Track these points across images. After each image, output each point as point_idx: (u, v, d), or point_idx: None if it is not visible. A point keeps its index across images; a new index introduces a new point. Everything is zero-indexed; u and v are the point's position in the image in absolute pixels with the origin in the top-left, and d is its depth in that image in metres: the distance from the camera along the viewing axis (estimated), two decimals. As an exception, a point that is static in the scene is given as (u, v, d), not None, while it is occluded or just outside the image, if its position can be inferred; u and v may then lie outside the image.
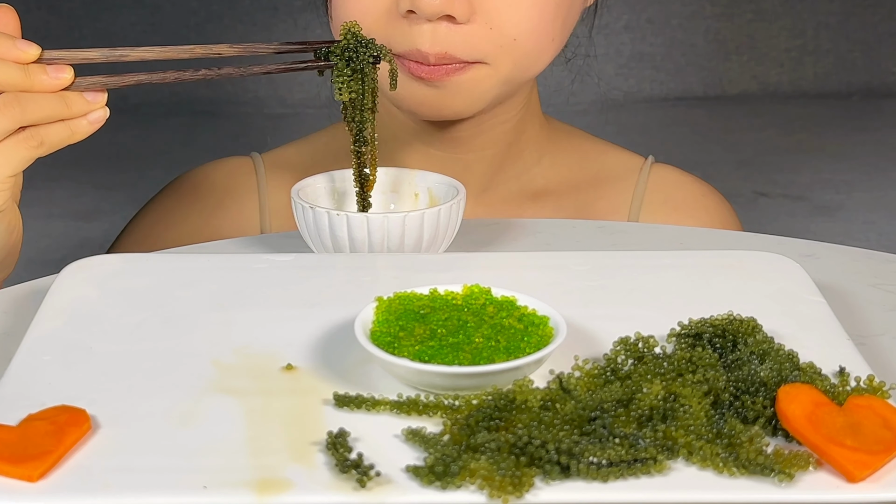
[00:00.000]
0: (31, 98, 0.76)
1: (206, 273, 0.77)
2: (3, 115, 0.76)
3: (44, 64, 0.77)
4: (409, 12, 0.89)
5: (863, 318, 0.76)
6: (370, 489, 0.56)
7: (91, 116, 0.79)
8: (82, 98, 0.78)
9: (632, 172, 1.07)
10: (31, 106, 0.76)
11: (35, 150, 0.77)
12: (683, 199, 1.07)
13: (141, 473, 0.57)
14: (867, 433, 0.58)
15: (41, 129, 0.77)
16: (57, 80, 0.77)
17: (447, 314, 0.67)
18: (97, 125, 0.79)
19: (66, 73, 0.78)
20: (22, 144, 0.77)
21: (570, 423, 0.60)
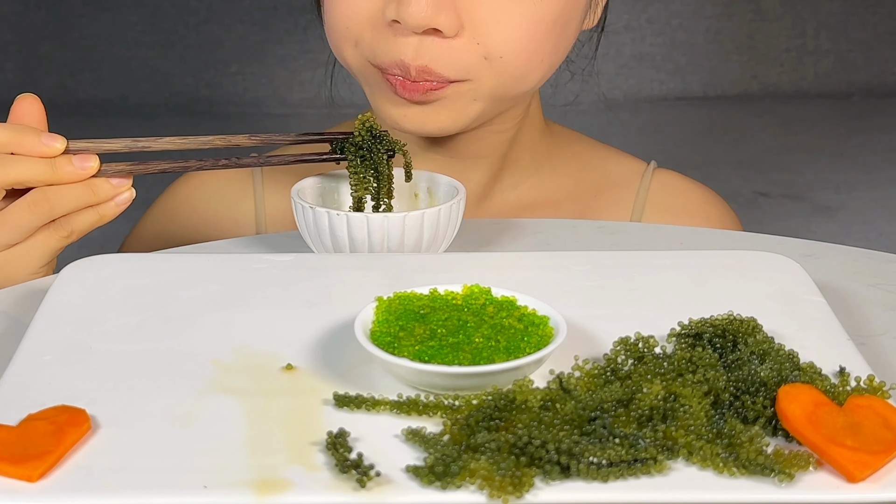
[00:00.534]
0: (59, 191, 0.79)
1: (206, 273, 0.77)
2: (31, 212, 0.78)
3: (69, 154, 0.79)
4: (395, 22, 0.87)
5: (863, 317, 0.76)
6: (370, 489, 0.56)
7: (118, 199, 0.81)
8: (109, 183, 0.80)
9: (633, 179, 1.06)
10: (59, 200, 0.79)
11: (65, 240, 0.81)
12: (685, 208, 1.05)
13: (141, 473, 0.57)
14: (867, 433, 0.58)
15: (70, 219, 0.80)
16: (83, 171, 0.79)
17: (447, 314, 0.67)
18: (124, 206, 0.81)
19: (91, 163, 0.80)
20: (53, 236, 0.80)
21: (570, 423, 0.60)
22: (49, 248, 0.81)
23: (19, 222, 0.79)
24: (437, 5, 0.86)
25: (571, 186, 1.05)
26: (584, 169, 1.06)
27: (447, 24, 0.86)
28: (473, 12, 0.87)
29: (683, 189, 1.07)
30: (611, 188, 1.06)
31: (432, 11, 0.85)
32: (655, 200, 1.05)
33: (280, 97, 3.47)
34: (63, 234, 0.80)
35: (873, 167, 2.90)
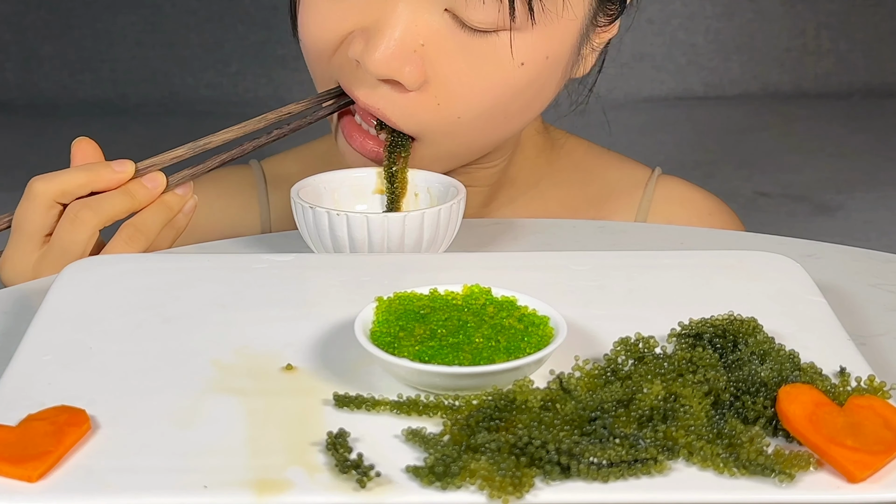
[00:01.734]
0: (146, 221, 0.83)
1: (206, 273, 0.77)
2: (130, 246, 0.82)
3: (139, 178, 0.83)
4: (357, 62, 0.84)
5: (863, 318, 0.76)
6: (370, 489, 0.56)
7: (186, 208, 0.85)
8: (176, 195, 0.84)
9: (636, 188, 1.03)
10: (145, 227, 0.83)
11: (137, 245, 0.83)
12: (688, 220, 1.03)
13: (141, 474, 0.57)
14: (868, 433, 0.58)
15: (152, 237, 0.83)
16: (155, 190, 0.83)
17: (447, 314, 0.67)
18: (192, 214, 0.86)
19: (160, 180, 0.84)
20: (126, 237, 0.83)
21: (570, 423, 0.60)
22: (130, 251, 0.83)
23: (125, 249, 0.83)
24: (403, 57, 0.82)
25: (571, 199, 1.02)
26: (585, 180, 1.03)
27: (410, 79, 0.82)
28: (439, 69, 0.83)
29: (688, 199, 1.04)
30: (613, 199, 1.03)
31: (397, 63, 0.82)
32: (658, 211, 1.02)
33: (280, 97, 3.47)
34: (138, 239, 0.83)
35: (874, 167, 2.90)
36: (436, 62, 0.83)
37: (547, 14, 0.82)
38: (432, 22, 0.82)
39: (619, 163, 1.06)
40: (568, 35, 0.85)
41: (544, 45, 0.84)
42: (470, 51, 0.83)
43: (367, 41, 0.82)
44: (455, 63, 0.83)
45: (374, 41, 0.82)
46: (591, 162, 1.05)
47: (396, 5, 0.82)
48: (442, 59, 0.83)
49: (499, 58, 0.83)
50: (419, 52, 0.82)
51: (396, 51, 0.82)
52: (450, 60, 0.83)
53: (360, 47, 0.83)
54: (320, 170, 0.89)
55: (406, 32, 0.82)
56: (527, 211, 1.01)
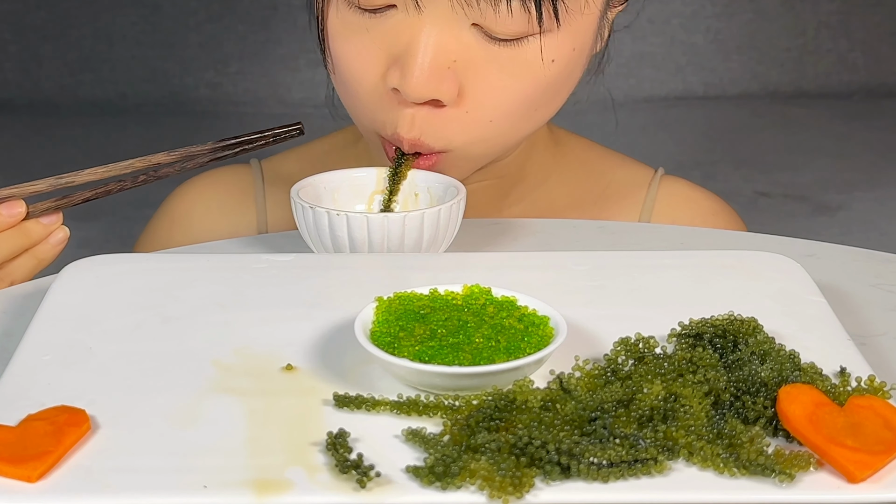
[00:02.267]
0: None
1: (206, 273, 0.77)
2: None
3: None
4: (395, 90, 0.85)
5: (863, 318, 0.76)
6: (370, 490, 0.56)
7: (52, 239, 0.83)
8: (40, 224, 0.83)
9: (640, 188, 1.04)
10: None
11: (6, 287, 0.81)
12: (692, 220, 1.03)
13: (140, 474, 0.57)
14: (868, 433, 0.58)
15: (8, 266, 0.82)
16: (11, 218, 0.82)
17: (447, 314, 0.67)
18: (60, 247, 0.84)
19: (20, 208, 0.82)
20: None
21: (570, 423, 0.60)
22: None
23: None
24: (438, 76, 0.83)
25: (577, 196, 1.03)
26: (590, 178, 1.04)
27: (448, 95, 0.84)
28: (472, 81, 0.85)
29: (690, 200, 1.05)
30: (617, 198, 1.04)
31: (434, 84, 0.83)
32: (662, 211, 1.03)
33: (280, 97, 3.47)
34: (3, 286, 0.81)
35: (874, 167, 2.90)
36: (468, 75, 0.85)
37: (571, 13, 0.84)
38: (461, 38, 0.84)
39: (623, 162, 1.07)
40: (590, 23, 0.88)
41: (570, 40, 0.86)
42: (500, 59, 0.84)
43: (402, 68, 0.84)
44: (487, 73, 0.85)
45: (408, 67, 0.83)
46: (595, 161, 1.06)
47: (423, 27, 0.83)
48: (474, 71, 0.85)
49: (528, 61, 0.85)
50: (452, 67, 0.84)
51: (431, 71, 0.83)
52: (482, 72, 0.85)
53: (397, 75, 0.84)
54: (320, 170, 0.89)
55: (437, 52, 0.83)
56: (535, 208, 1.02)
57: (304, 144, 1.08)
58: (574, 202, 1.03)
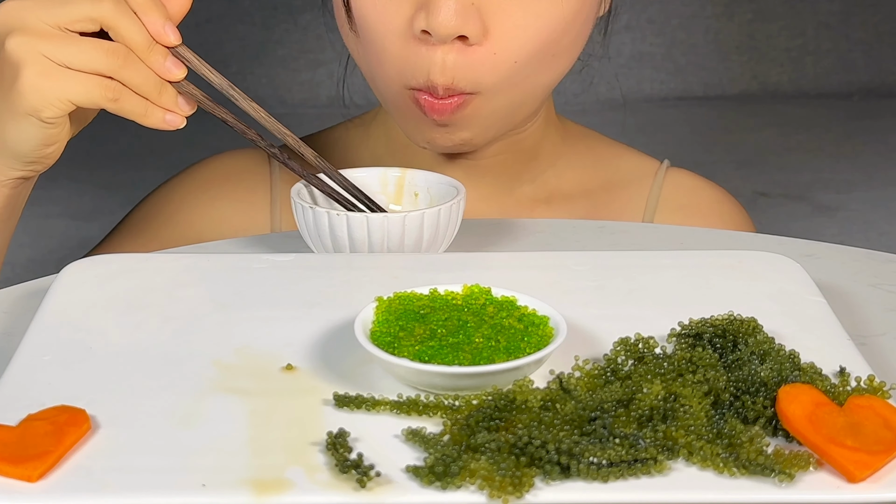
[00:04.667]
0: (138, 64, 0.78)
1: (206, 273, 0.77)
2: (106, 56, 0.77)
3: (168, 50, 0.80)
4: (424, 32, 0.88)
5: (863, 318, 0.76)
6: (370, 489, 0.56)
7: (168, 116, 0.80)
8: (175, 96, 0.80)
9: (646, 177, 1.07)
10: (132, 68, 0.78)
11: (109, 101, 0.78)
12: (698, 206, 1.06)
13: (141, 473, 0.57)
14: (868, 433, 0.58)
15: (125, 91, 0.79)
16: (167, 71, 0.79)
17: (447, 314, 0.67)
18: (169, 126, 0.81)
19: (178, 70, 0.80)
20: (101, 89, 0.78)
21: (570, 423, 0.60)
22: (91, 94, 0.78)
23: (90, 53, 0.77)
24: (464, 14, 0.87)
25: (585, 181, 1.06)
26: (598, 164, 1.07)
27: (474, 31, 0.87)
28: (495, 19, 0.89)
29: (697, 188, 1.08)
30: (624, 185, 1.06)
31: (460, 20, 0.87)
32: (668, 198, 1.06)
33: (280, 97, 3.47)
34: (110, 96, 0.78)
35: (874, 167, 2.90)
36: (492, 13, 0.89)
37: None
38: None
39: (629, 152, 1.10)
40: None
41: None
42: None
43: (429, 8, 0.87)
44: (510, 11, 0.89)
45: (434, 5, 0.87)
46: (603, 149, 1.09)
47: None
48: (497, 9, 0.89)
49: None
50: (476, 4, 0.88)
51: (457, 9, 0.86)
52: (505, 10, 0.89)
53: (423, 16, 0.87)
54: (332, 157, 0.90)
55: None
56: (546, 189, 1.04)
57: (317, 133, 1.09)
58: (583, 187, 1.05)
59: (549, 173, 1.04)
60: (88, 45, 0.77)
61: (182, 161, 1.15)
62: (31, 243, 2.03)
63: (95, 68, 0.77)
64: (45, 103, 0.78)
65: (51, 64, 0.77)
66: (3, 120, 0.80)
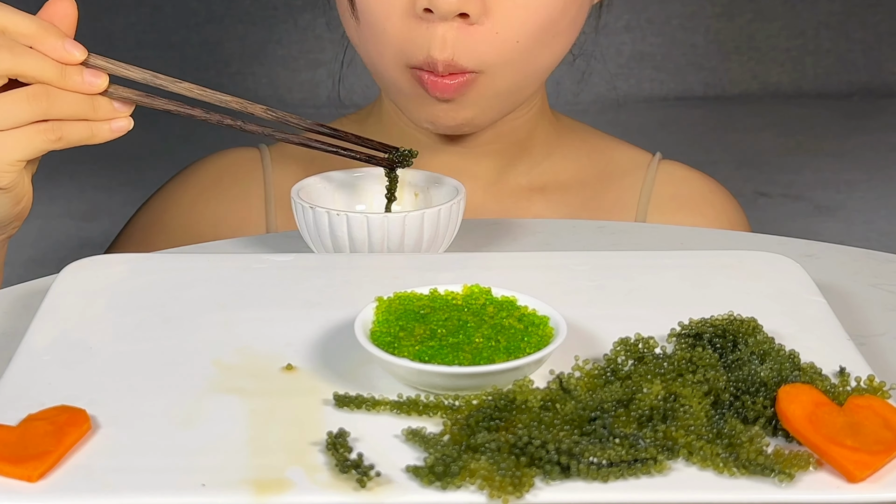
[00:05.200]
0: (61, 94, 0.77)
1: (206, 273, 0.77)
2: (29, 104, 0.76)
3: (82, 66, 0.78)
4: (426, 10, 0.89)
5: (863, 318, 0.76)
6: (370, 489, 0.56)
7: (114, 124, 0.80)
8: (110, 104, 0.79)
9: (640, 168, 1.08)
10: (58, 102, 0.77)
11: (53, 143, 0.78)
12: (690, 196, 1.07)
13: (141, 473, 0.57)
14: (867, 433, 0.58)
15: (63, 125, 0.78)
16: (90, 86, 0.78)
17: (447, 314, 0.67)
18: (118, 133, 0.80)
19: (100, 80, 0.78)
20: (41, 135, 0.77)
21: (570, 423, 0.60)
22: (33, 145, 0.77)
23: (13, 109, 0.77)
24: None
25: (580, 172, 1.07)
26: (592, 156, 1.08)
27: (475, 10, 0.89)
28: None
29: (689, 179, 1.09)
30: (618, 176, 1.08)
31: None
32: (662, 190, 1.07)
33: (280, 97, 3.47)
34: (52, 137, 0.77)
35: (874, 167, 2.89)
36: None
37: None
38: None
39: (621, 145, 1.11)
40: None
41: None
42: None
43: None
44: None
45: None
46: (596, 141, 1.10)
47: None
48: None
49: None
50: None
51: None
52: None
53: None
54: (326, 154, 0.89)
55: None
56: (541, 180, 1.05)
57: None
58: (578, 177, 1.06)
59: (544, 164, 1.05)
60: (8, 101, 0.76)
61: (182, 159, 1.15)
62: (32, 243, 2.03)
63: (25, 119, 0.77)
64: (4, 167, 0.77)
65: None
66: None
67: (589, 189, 1.06)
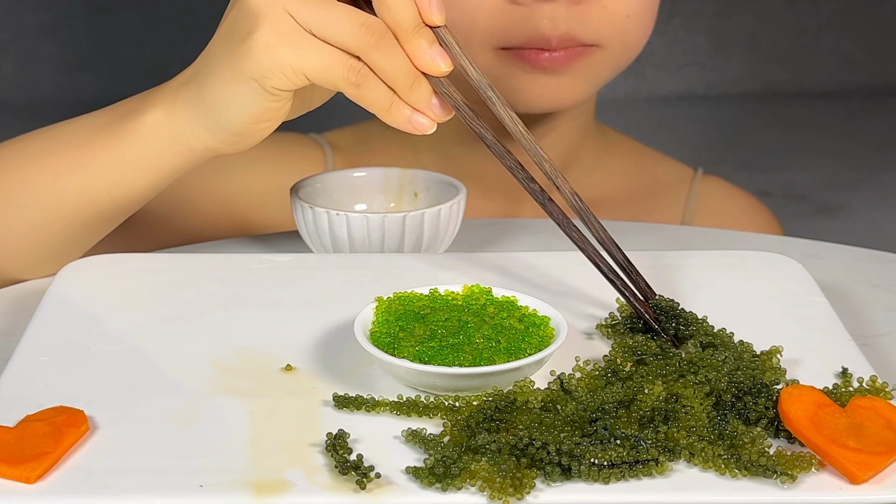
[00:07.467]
0: (393, 47, 0.67)
1: (205, 273, 0.77)
2: (359, 31, 0.66)
3: (433, 33, 0.68)
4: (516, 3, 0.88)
5: (865, 318, 0.76)
6: (370, 491, 0.56)
7: (416, 117, 0.69)
8: (430, 95, 0.69)
9: (683, 183, 1.08)
10: (385, 50, 0.67)
11: (347, 84, 0.68)
12: (733, 214, 1.08)
13: (139, 475, 0.56)
14: (870, 434, 0.58)
15: (370, 77, 0.67)
16: (430, 59, 0.68)
17: (447, 314, 0.67)
18: (415, 129, 0.69)
19: (444, 63, 0.68)
20: (343, 68, 0.67)
21: (571, 424, 0.60)
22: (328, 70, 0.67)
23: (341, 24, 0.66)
24: None
25: (626, 187, 1.07)
26: (637, 170, 1.08)
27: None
28: None
29: (732, 196, 1.10)
30: (662, 191, 1.08)
31: None
32: (705, 205, 1.07)
33: (281, 97, 3.47)
34: (352, 78, 0.67)
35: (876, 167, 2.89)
36: None
37: None
38: None
39: (664, 159, 1.11)
40: None
41: None
42: None
43: None
44: None
45: None
46: (640, 155, 1.10)
47: None
48: None
49: None
50: None
51: None
52: None
53: None
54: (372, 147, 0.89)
55: None
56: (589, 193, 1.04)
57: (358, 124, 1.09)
58: (624, 194, 1.06)
59: (592, 177, 1.05)
60: (341, 12, 0.66)
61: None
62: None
63: (343, 42, 0.66)
64: (275, 69, 0.67)
65: (293, 24, 0.66)
66: (221, 77, 0.70)
67: (634, 205, 1.06)
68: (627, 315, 0.70)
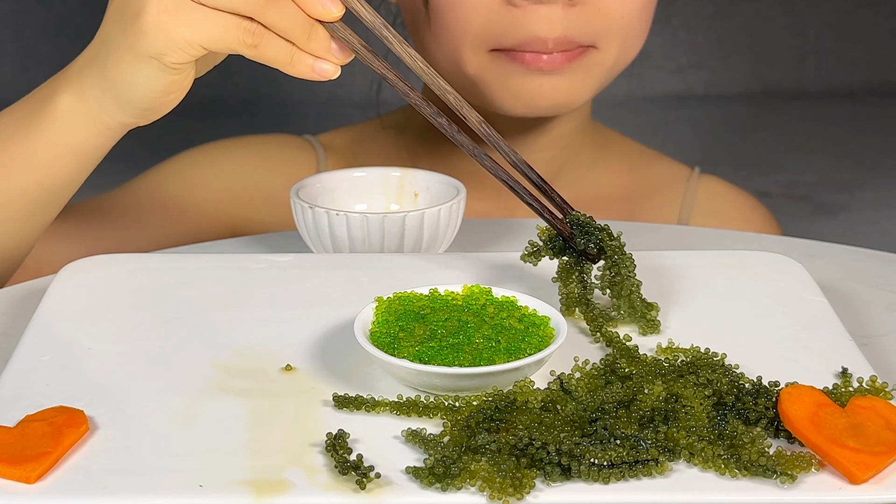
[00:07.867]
0: (283, 1, 0.67)
1: (205, 273, 0.77)
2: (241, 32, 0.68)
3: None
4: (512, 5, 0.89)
5: (865, 318, 0.76)
6: (370, 491, 0.56)
7: (319, 64, 0.69)
8: (328, 41, 0.69)
9: (679, 183, 1.08)
10: (277, 6, 0.67)
11: (246, 47, 0.68)
12: (731, 214, 1.08)
13: (139, 475, 0.56)
14: (870, 434, 0.58)
15: (266, 35, 0.68)
16: (322, 8, 0.68)
17: (447, 314, 0.67)
18: (319, 76, 0.69)
19: (335, 7, 0.68)
20: (238, 32, 0.68)
21: (570, 424, 0.60)
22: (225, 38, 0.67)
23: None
24: None
25: (622, 186, 1.07)
26: (633, 169, 1.08)
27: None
28: None
29: (729, 196, 1.10)
30: (659, 191, 1.08)
31: None
32: (702, 205, 1.07)
33: (280, 97, 3.47)
34: (248, 41, 0.68)
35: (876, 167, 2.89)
36: None
37: None
38: None
39: (661, 158, 1.11)
40: None
41: None
42: None
43: None
44: None
45: None
46: (636, 155, 1.10)
47: None
48: None
49: None
50: None
51: None
52: None
53: None
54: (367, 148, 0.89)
55: None
56: (586, 192, 1.05)
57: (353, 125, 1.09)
58: (620, 193, 1.06)
59: (589, 177, 1.05)
60: None
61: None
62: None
63: (233, 6, 0.67)
64: (171, 46, 0.67)
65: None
66: (121, 59, 0.70)
67: (630, 204, 1.06)
68: (547, 238, 0.70)
